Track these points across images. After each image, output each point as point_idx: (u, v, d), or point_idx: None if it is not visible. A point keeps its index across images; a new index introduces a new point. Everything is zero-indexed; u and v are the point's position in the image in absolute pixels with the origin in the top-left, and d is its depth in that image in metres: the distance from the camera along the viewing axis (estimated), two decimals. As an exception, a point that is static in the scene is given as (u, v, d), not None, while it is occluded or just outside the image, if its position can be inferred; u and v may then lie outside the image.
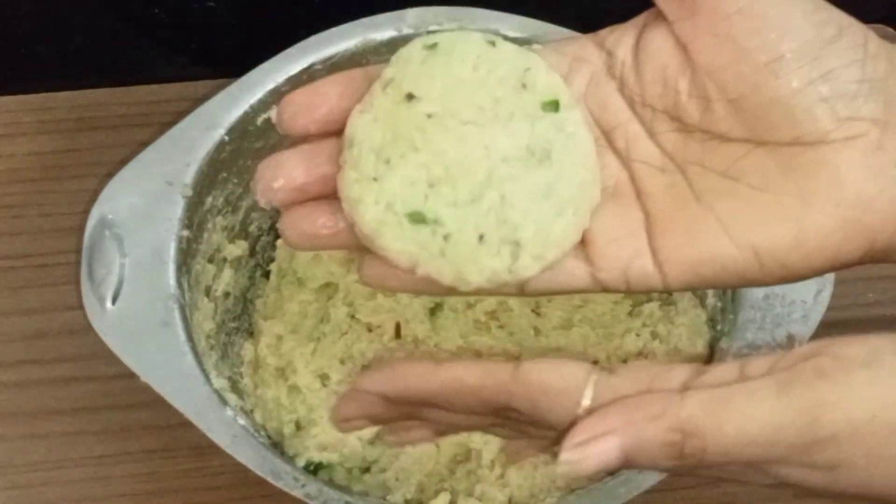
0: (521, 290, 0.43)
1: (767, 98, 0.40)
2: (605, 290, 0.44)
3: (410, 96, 0.41)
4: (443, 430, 0.45)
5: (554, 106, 0.42)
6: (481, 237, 0.41)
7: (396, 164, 0.41)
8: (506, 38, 0.43)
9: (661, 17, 0.42)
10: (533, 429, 0.41)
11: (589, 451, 0.37)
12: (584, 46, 0.44)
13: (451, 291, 0.42)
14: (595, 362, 0.60)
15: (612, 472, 0.39)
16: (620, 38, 0.43)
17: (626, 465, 0.38)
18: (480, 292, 0.42)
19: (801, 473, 0.37)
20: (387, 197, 0.41)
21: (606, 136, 0.43)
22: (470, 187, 0.41)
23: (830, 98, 0.39)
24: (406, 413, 0.43)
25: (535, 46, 0.44)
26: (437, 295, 0.56)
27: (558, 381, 0.39)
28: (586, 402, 0.38)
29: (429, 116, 0.41)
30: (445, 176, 0.41)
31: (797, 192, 0.40)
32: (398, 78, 0.42)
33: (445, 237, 0.41)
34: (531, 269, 0.42)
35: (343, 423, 0.44)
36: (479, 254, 0.41)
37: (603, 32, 0.44)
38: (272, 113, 0.65)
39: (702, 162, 0.42)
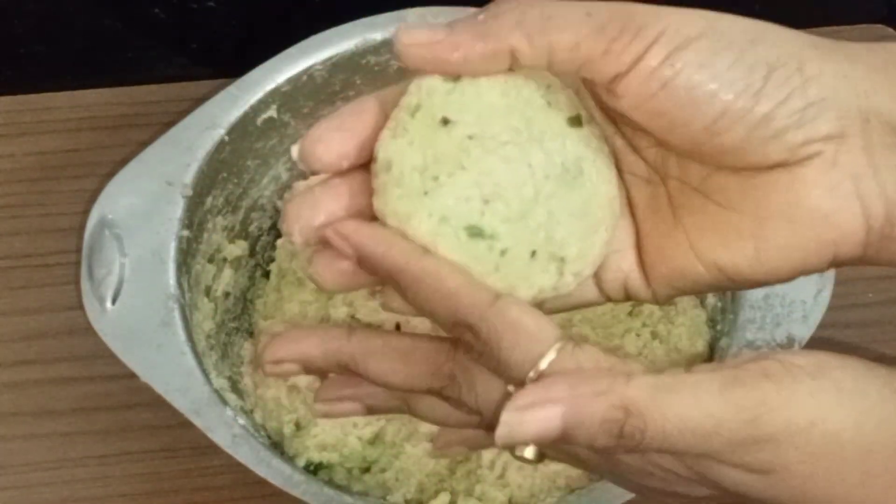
0: (540, 306, 0.42)
1: (717, 150, 0.40)
2: (609, 301, 0.45)
3: (446, 121, 0.41)
4: (374, 406, 0.45)
5: (578, 121, 0.43)
6: (533, 253, 0.41)
7: (446, 182, 0.41)
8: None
9: None
10: (473, 391, 0.41)
11: (530, 416, 0.37)
12: None
13: None
14: None
15: (545, 446, 0.39)
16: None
17: (565, 438, 0.38)
18: None
19: (738, 476, 0.38)
20: (441, 210, 0.41)
21: None
22: (520, 204, 0.41)
23: (777, 135, 0.39)
24: (339, 366, 0.43)
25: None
26: None
27: (531, 326, 0.39)
28: (543, 365, 0.39)
29: (470, 138, 0.41)
30: (497, 193, 0.41)
31: (755, 210, 0.40)
32: (426, 105, 0.42)
33: (502, 252, 0.41)
34: (571, 286, 0.42)
35: (272, 364, 0.44)
36: (531, 270, 0.41)
37: None
38: (272, 112, 0.65)
39: (679, 176, 0.42)
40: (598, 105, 0.43)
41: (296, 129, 0.67)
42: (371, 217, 0.42)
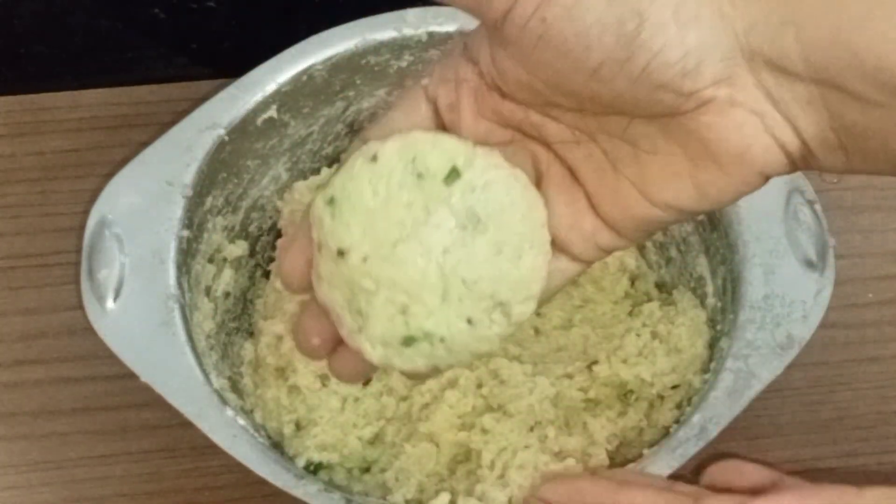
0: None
1: (609, 98, 0.41)
2: (590, 263, 0.47)
3: (341, 252, 0.45)
4: None
5: (455, 174, 0.44)
6: (469, 321, 0.44)
7: (368, 312, 0.45)
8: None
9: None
10: None
11: None
12: (459, 65, 0.45)
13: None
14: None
15: None
16: (479, 49, 0.44)
17: None
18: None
19: None
20: (378, 339, 0.45)
21: (519, 131, 0.45)
22: (433, 292, 0.44)
23: (663, 85, 0.39)
24: None
25: (424, 81, 0.47)
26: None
27: None
28: None
29: (364, 260, 0.44)
30: (408, 298, 0.44)
31: (682, 154, 0.42)
32: (323, 239, 0.45)
33: (442, 339, 0.45)
34: (528, 311, 0.45)
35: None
36: (477, 333, 0.45)
37: (469, 41, 0.45)
38: (272, 112, 0.65)
39: (604, 130, 0.43)
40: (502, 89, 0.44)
41: (296, 129, 0.67)
42: None
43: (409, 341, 0.45)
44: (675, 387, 0.62)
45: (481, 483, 0.59)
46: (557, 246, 0.46)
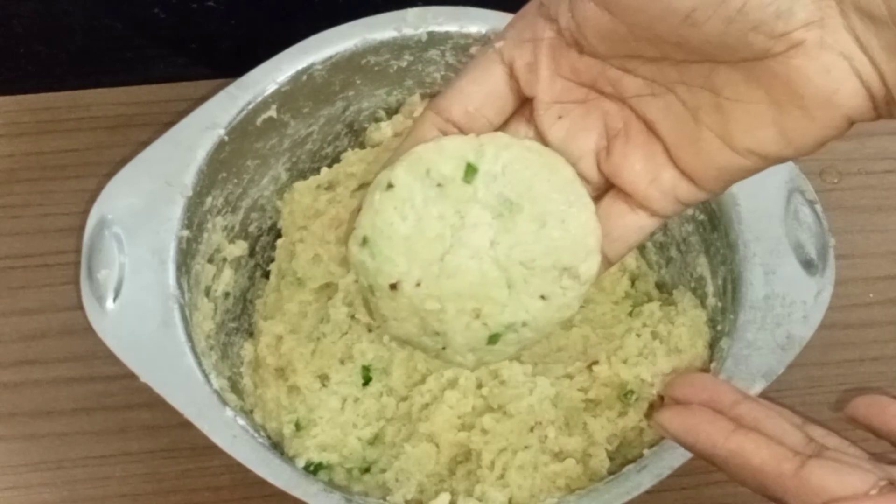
0: (609, 264, 0.47)
1: (697, 43, 0.41)
2: (669, 217, 0.47)
3: (393, 286, 0.45)
4: None
5: (472, 170, 0.44)
6: (543, 297, 0.45)
7: (444, 330, 0.45)
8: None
9: None
10: None
11: None
12: (535, 24, 0.46)
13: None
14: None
15: None
16: (558, 5, 0.45)
17: None
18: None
19: None
20: (464, 348, 0.46)
21: (595, 90, 0.46)
22: (498, 286, 0.44)
23: (757, 26, 0.40)
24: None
25: (498, 45, 0.46)
26: None
27: (838, 489, 0.41)
28: None
29: (419, 285, 0.45)
30: (478, 301, 0.45)
31: (766, 100, 0.42)
32: (371, 280, 0.46)
33: (524, 324, 0.46)
34: (595, 266, 0.45)
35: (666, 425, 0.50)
36: (555, 304, 0.45)
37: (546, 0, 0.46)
38: (272, 112, 0.65)
39: (683, 80, 0.44)
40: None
41: (295, 129, 0.67)
42: None
43: (494, 339, 0.45)
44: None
45: (481, 483, 0.59)
46: (636, 202, 0.46)
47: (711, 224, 0.63)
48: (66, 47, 0.79)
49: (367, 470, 0.62)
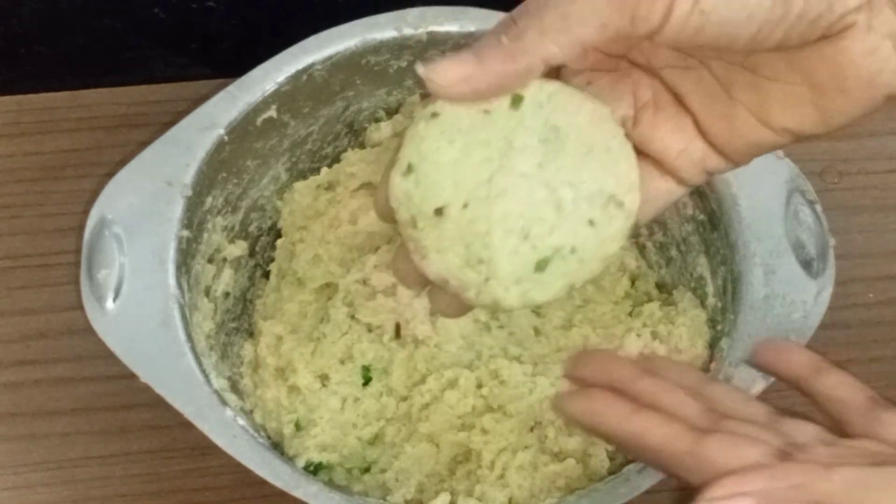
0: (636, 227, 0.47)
1: (759, 49, 0.41)
2: (694, 185, 0.47)
3: (439, 211, 0.44)
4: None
5: (518, 98, 0.44)
6: (591, 222, 0.44)
7: (490, 256, 0.44)
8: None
9: None
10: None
11: None
12: None
13: None
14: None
15: None
16: None
17: None
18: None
19: None
20: (510, 278, 0.45)
21: (627, 60, 0.46)
22: (546, 205, 0.44)
23: (815, 21, 0.40)
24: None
25: None
26: None
27: (733, 463, 0.41)
28: None
29: (466, 206, 0.44)
30: (526, 220, 0.44)
31: (807, 83, 0.42)
32: (416, 209, 0.45)
33: (573, 250, 0.44)
34: (637, 201, 0.45)
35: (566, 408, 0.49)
36: (602, 233, 0.44)
37: None
38: (272, 112, 0.65)
39: (720, 57, 0.44)
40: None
41: (295, 129, 0.67)
42: None
43: (542, 265, 0.44)
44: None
45: (481, 483, 0.59)
46: (666, 169, 0.46)
47: (711, 224, 0.63)
48: (66, 47, 0.79)
49: (367, 470, 0.62)
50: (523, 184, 0.43)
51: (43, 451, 0.66)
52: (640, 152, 0.47)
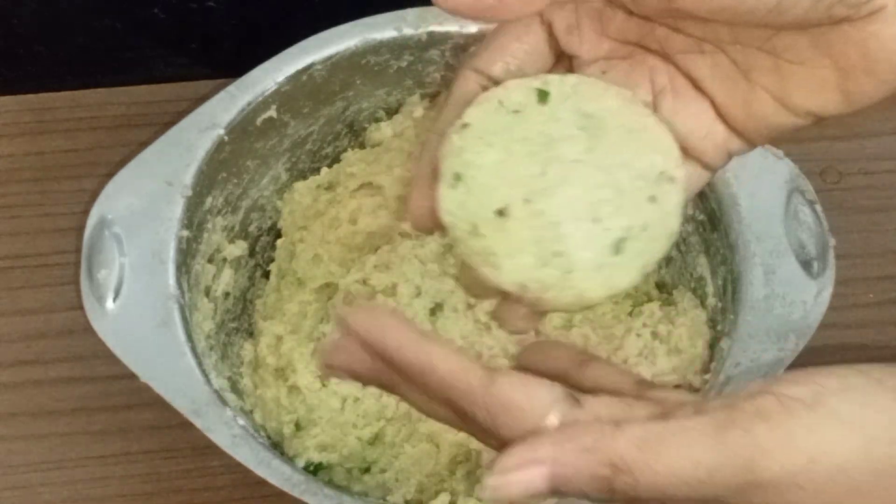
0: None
1: (778, 24, 0.41)
2: (718, 168, 0.47)
3: (501, 212, 0.42)
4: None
5: (544, 94, 0.44)
6: (652, 198, 0.43)
7: (565, 247, 0.42)
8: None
9: None
10: (490, 439, 0.40)
11: (514, 477, 0.37)
12: None
13: None
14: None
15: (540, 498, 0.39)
16: None
17: (555, 494, 0.37)
18: None
19: None
20: (590, 265, 0.43)
21: (641, 47, 0.45)
22: (608, 187, 0.43)
23: (842, 0, 0.39)
24: (385, 380, 0.42)
25: None
26: None
27: (524, 401, 0.38)
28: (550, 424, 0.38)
29: (528, 202, 0.42)
30: (592, 204, 0.42)
31: (833, 66, 0.41)
32: (479, 214, 0.43)
33: (644, 228, 0.43)
34: (683, 175, 0.44)
35: (327, 369, 0.43)
36: (663, 209, 0.43)
37: None
38: (272, 112, 0.65)
39: (737, 41, 0.43)
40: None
41: (295, 129, 0.67)
42: None
43: (618, 246, 0.42)
44: (675, 387, 0.62)
45: (481, 483, 0.59)
46: (690, 154, 0.46)
47: (711, 224, 0.63)
48: (66, 47, 0.79)
49: (367, 470, 0.62)
50: (580, 169, 0.43)
51: (43, 451, 0.66)
52: None
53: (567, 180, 0.42)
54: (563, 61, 0.47)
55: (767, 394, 0.36)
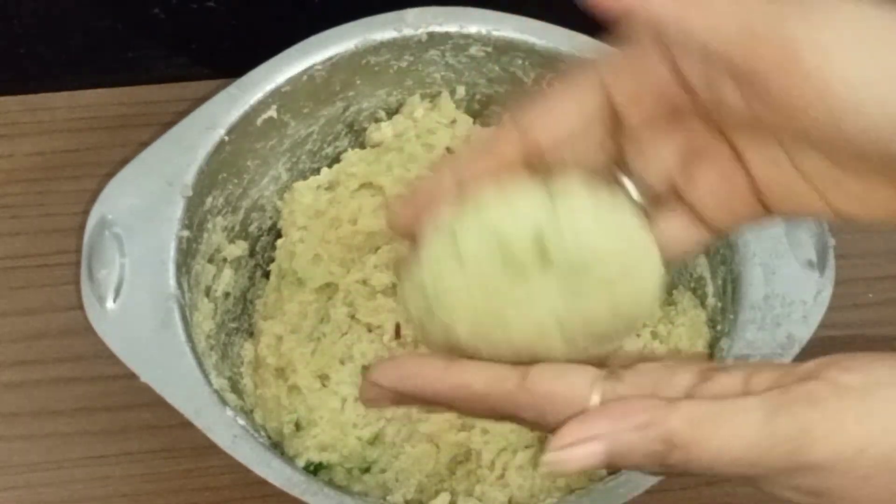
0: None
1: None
2: (726, 236, 0.46)
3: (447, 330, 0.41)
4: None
5: (541, 243, 0.40)
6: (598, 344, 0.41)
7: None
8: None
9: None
10: (540, 429, 0.41)
11: (572, 454, 0.38)
12: (651, 64, 0.41)
13: None
14: (602, 365, 0.59)
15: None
16: (692, 67, 0.40)
17: (610, 467, 0.38)
18: None
19: (788, 493, 0.37)
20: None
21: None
22: (557, 343, 0.40)
23: None
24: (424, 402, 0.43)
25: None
26: None
27: (564, 390, 0.39)
28: (594, 405, 0.39)
29: (471, 334, 0.41)
30: (544, 349, 0.40)
31: (892, 186, 0.39)
32: (442, 327, 0.41)
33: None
34: (650, 318, 0.45)
35: (368, 403, 0.44)
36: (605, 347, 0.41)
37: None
38: (272, 112, 0.65)
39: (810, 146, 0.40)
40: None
41: (296, 129, 0.67)
42: None
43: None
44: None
45: (481, 483, 0.59)
46: (699, 217, 0.43)
47: (711, 224, 0.63)
48: (66, 47, 0.79)
49: (367, 470, 0.62)
50: (534, 323, 0.40)
51: (43, 451, 0.66)
52: (674, 199, 0.43)
53: (519, 328, 0.40)
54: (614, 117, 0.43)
55: (822, 380, 0.37)
